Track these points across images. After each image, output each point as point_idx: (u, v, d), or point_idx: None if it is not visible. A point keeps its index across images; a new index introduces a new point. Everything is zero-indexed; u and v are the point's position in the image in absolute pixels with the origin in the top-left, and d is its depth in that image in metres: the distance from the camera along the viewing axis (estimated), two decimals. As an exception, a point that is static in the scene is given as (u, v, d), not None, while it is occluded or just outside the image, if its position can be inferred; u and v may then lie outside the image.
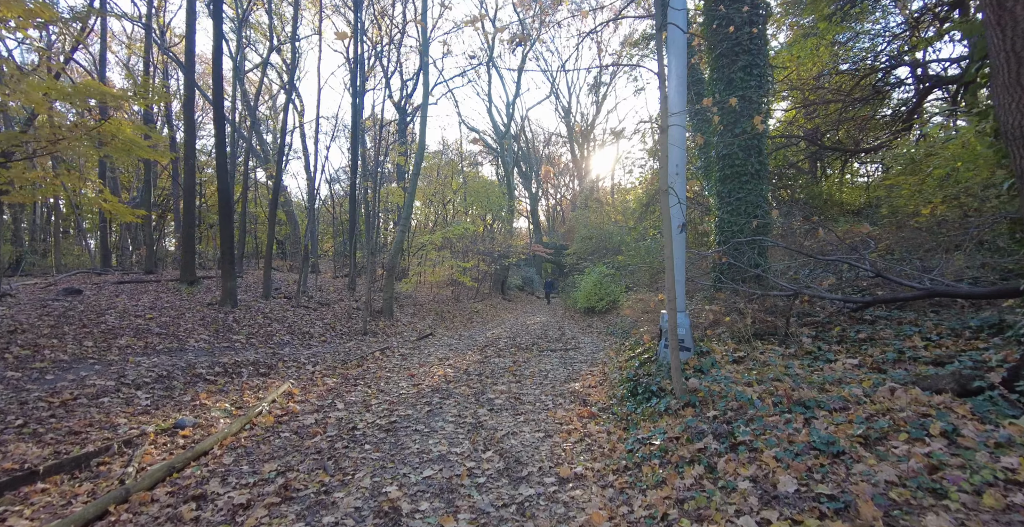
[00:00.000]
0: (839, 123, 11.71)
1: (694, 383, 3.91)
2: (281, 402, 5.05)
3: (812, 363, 3.84)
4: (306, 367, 6.62)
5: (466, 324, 13.91)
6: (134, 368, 5.13)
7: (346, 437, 4.07)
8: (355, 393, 5.54)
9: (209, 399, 4.84)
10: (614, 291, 13.73)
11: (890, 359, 3.46)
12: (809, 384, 3.34)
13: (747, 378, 3.79)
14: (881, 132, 12.10)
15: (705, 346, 4.65)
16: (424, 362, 7.49)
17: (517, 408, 4.84)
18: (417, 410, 4.80)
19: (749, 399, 3.37)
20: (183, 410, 4.44)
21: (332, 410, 4.85)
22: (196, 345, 6.64)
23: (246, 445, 3.81)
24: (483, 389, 5.64)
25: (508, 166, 27.37)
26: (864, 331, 4.19)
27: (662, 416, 3.78)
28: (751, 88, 5.91)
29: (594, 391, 5.34)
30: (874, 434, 2.43)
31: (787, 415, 2.97)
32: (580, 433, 4.00)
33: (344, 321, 10.05)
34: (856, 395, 2.90)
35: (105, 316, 6.93)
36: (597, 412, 4.53)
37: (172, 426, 3.97)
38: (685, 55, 4.22)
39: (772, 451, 2.62)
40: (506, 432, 4.07)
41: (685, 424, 3.38)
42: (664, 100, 3.74)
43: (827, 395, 3.05)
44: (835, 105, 11.51)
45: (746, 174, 5.96)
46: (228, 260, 8.79)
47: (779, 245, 5.23)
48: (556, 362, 7.44)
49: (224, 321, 7.89)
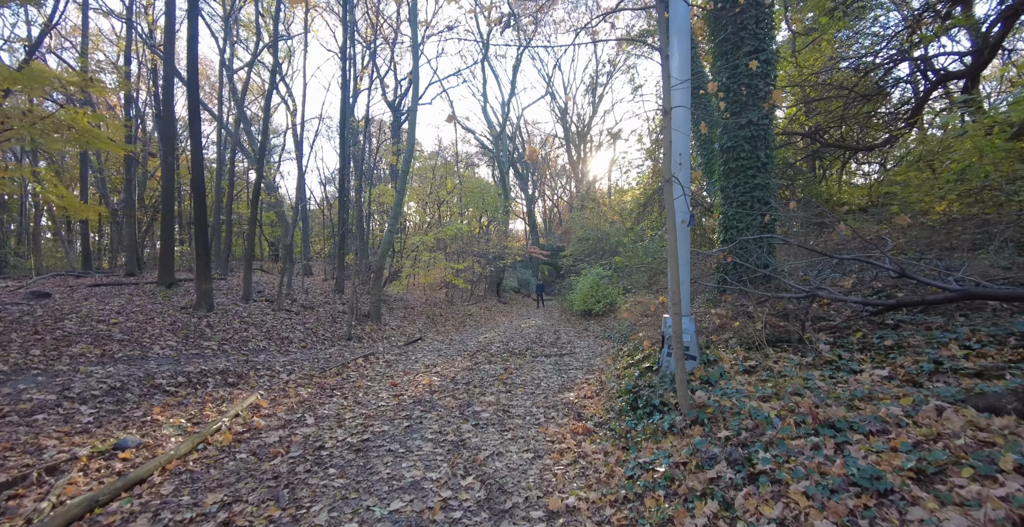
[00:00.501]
0: (842, 120, 11.35)
1: (701, 397, 3.47)
2: (245, 416, 4.58)
3: (834, 374, 3.41)
4: (280, 376, 6.15)
5: (458, 328, 13.45)
6: (83, 379, 4.66)
7: (310, 458, 3.61)
8: (329, 405, 5.07)
9: (164, 414, 4.37)
10: (611, 293, 13.32)
11: (926, 370, 3.03)
12: (835, 400, 2.91)
13: (761, 391, 3.35)
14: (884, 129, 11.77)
15: (712, 354, 4.22)
16: (409, 369, 7.03)
17: (505, 423, 4.38)
18: (394, 426, 4.34)
19: (766, 417, 2.93)
20: (130, 427, 3.97)
21: (300, 426, 4.39)
22: (161, 352, 6.16)
23: (193, 470, 3.35)
24: (470, 400, 5.19)
25: (504, 167, 26.96)
26: (889, 337, 3.77)
27: (666, 435, 3.34)
28: (757, 76, 5.50)
29: (590, 403, 4.89)
30: (928, 467, 1.99)
31: (813, 438, 2.53)
32: (574, 454, 3.55)
33: (328, 325, 9.57)
34: (895, 415, 2.46)
35: (64, 321, 6.44)
36: (593, 428, 4.08)
37: (111, 448, 3.50)
38: (689, 32, 3.81)
39: (800, 485, 2.18)
40: (491, 453, 3.62)
41: (693, 446, 2.95)
42: (666, 78, 3.32)
43: (859, 414, 2.62)
44: (837, 102, 11.17)
45: (753, 167, 5.55)
46: (203, 261, 8.31)
47: (791, 243, 4.81)
48: (550, 369, 7.00)
49: (196, 326, 7.41)
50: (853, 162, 13.72)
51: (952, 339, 3.34)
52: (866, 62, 10.65)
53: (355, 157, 15.92)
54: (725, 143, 5.79)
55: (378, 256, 11.23)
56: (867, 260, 4.22)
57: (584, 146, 35.54)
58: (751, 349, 4.38)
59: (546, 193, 43.09)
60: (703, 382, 3.82)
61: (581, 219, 23.52)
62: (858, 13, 10.43)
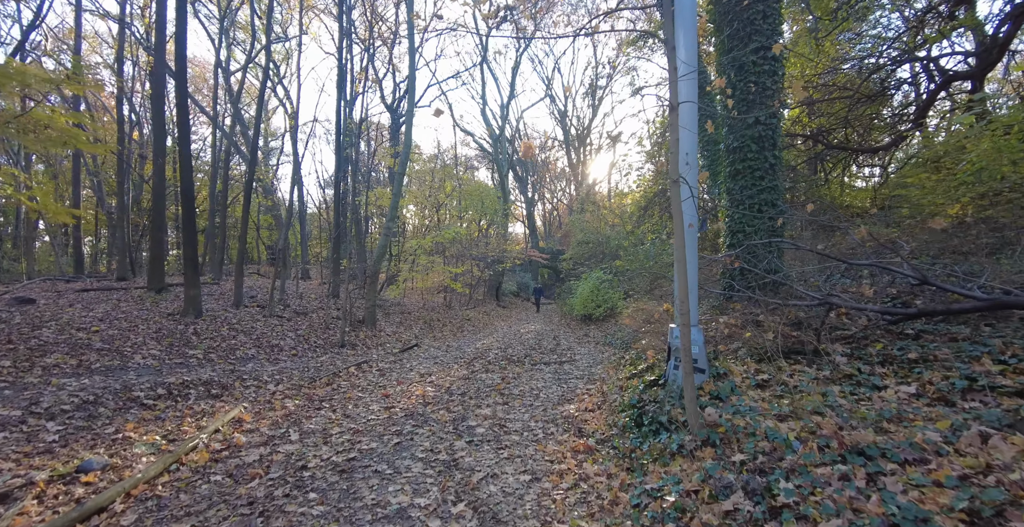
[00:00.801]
0: (846, 122, 11.15)
1: (712, 414, 3.22)
2: (226, 432, 4.32)
3: (855, 390, 3.16)
4: (267, 386, 5.89)
5: (456, 333, 13.18)
6: (54, 393, 4.39)
7: (291, 480, 3.35)
8: (316, 419, 4.81)
9: (138, 430, 4.11)
10: (612, 297, 13.06)
11: (958, 388, 2.78)
12: (860, 421, 2.65)
13: (777, 409, 3.10)
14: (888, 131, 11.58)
15: (721, 366, 3.97)
16: (403, 379, 6.76)
17: (501, 439, 4.12)
18: (383, 443, 4.08)
19: (785, 440, 2.68)
20: (99, 446, 3.71)
21: (283, 442, 4.12)
22: (142, 362, 5.90)
23: (161, 495, 3.08)
24: (464, 413, 4.92)
25: (503, 169, 26.78)
26: (911, 349, 3.52)
27: (675, 457, 3.08)
28: (764, 74, 5.28)
29: (592, 417, 4.63)
30: (984, 508, 1.74)
31: (841, 466, 2.28)
32: (575, 476, 3.29)
33: (320, 332, 9.30)
34: (933, 442, 2.21)
35: (42, 329, 6.18)
36: (595, 445, 3.82)
37: (74, 470, 3.23)
38: (695, 23, 3.58)
39: (831, 524, 1.93)
40: (485, 474, 3.36)
41: (705, 471, 2.69)
42: (673, 72, 3.08)
43: (890, 439, 2.36)
44: (840, 103, 10.98)
45: (760, 168, 5.31)
46: (191, 265, 8.05)
47: (802, 248, 4.57)
48: (549, 378, 6.73)
49: (182, 333, 7.14)
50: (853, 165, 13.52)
51: (984, 352, 3.09)
52: (870, 63, 10.48)
53: (350, 159, 15.70)
54: (731, 143, 5.57)
55: (374, 260, 10.98)
56: (885, 266, 3.97)
57: (584, 149, 35.38)
58: (762, 361, 4.12)
59: (546, 196, 42.94)
60: (713, 397, 3.57)
61: (581, 222, 23.29)
62: (862, 13, 10.26)
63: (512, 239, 32.46)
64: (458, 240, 18.73)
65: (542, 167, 38.15)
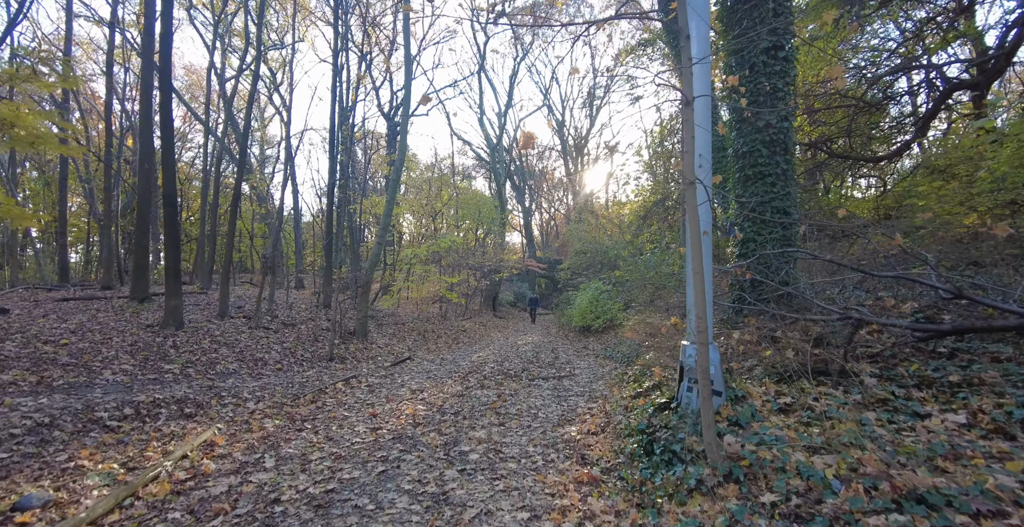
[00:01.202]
0: (848, 131, 10.98)
1: (733, 444, 2.87)
2: (194, 458, 3.92)
3: (893, 417, 2.82)
4: (247, 404, 5.49)
5: (451, 345, 12.78)
6: (4, 414, 3.99)
7: (260, 517, 2.96)
8: (296, 442, 4.42)
9: (94, 457, 3.71)
10: (611, 309, 12.72)
11: (1017, 418, 2.45)
12: (909, 457, 2.31)
13: (807, 439, 2.75)
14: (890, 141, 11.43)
15: (739, 388, 3.62)
16: (393, 395, 6.37)
17: (496, 467, 3.74)
18: (367, 471, 3.69)
19: (822, 478, 2.33)
20: (45, 477, 3.31)
21: (257, 470, 3.73)
22: (112, 378, 5.49)
23: (107, 538, 2.69)
24: (457, 436, 4.54)
25: (500, 178, 26.59)
26: (950, 370, 3.19)
27: (692, 494, 2.72)
28: (776, 75, 5.04)
29: (595, 441, 4.26)
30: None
31: (898, 516, 1.93)
32: (578, 513, 2.92)
33: (308, 344, 8.90)
34: (1008, 487, 1.87)
35: (5, 342, 5.78)
36: (600, 475, 3.45)
37: (9, 508, 2.84)
38: (708, 13, 3.32)
39: (899, 595, 1.58)
40: (478, 511, 2.98)
41: (730, 514, 2.33)
42: (688, 63, 2.80)
43: (953, 482, 2.02)
44: (842, 112, 10.84)
45: (772, 174, 5.04)
46: (173, 274, 7.67)
47: (821, 258, 4.26)
48: (548, 395, 6.36)
49: (160, 346, 6.74)
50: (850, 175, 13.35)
51: (1038, 375, 2.77)
52: (872, 71, 10.36)
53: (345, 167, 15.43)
54: (740, 148, 5.30)
55: (366, 269, 10.62)
56: (915, 278, 3.67)
57: (581, 159, 35.35)
58: (781, 381, 3.79)
59: (543, 206, 42.82)
60: (731, 424, 3.22)
61: (579, 232, 23.04)
62: (866, 20, 10.15)
63: (509, 248, 32.21)
64: (454, 249, 18.41)
65: (540, 176, 38.07)
